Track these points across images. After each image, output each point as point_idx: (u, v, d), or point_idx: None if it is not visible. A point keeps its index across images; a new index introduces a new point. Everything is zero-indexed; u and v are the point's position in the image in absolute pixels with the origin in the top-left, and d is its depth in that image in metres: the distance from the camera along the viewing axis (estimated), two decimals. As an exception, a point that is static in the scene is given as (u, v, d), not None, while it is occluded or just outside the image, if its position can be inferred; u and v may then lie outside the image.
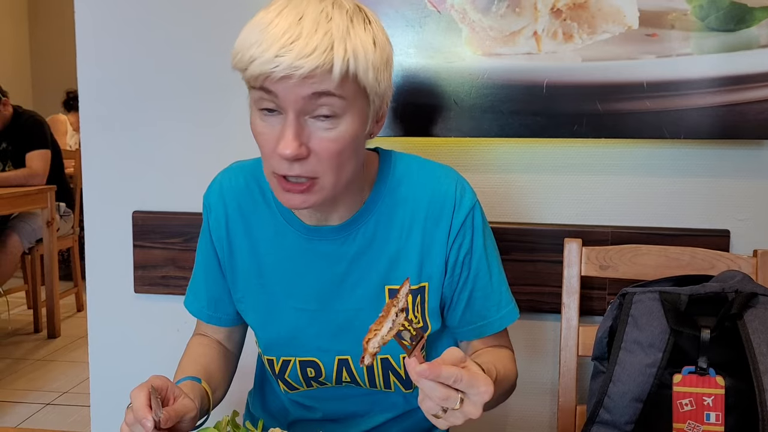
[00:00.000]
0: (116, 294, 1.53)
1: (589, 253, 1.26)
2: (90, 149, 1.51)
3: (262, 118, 0.81)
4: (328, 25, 0.76)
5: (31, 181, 3.32)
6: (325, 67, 0.75)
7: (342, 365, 0.96)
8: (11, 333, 3.58)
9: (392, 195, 0.93)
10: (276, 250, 0.96)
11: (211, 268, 1.01)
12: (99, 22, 1.47)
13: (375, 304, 0.94)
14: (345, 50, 0.76)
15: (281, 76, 0.75)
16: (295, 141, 0.78)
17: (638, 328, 1.06)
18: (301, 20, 0.76)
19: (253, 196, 0.97)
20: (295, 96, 0.77)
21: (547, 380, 1.41)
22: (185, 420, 0.82)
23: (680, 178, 1.33)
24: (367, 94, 0.81)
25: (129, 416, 0.78)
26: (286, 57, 0.74)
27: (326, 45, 0.75)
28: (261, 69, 0.75)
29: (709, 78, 1.23)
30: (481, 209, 0.96)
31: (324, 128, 0.79)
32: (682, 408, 1.02)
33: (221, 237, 0.98)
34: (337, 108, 0.79)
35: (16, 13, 5.78)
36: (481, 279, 0.95)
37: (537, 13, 1.25)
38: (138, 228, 1.49)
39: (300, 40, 0.74)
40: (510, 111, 1.29)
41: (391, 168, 0.95)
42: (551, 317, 1.38)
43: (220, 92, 1.45)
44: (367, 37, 0.79)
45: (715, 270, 1.20)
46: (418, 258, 0.93)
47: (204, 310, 1.03)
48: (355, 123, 0.81)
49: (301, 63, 0.74)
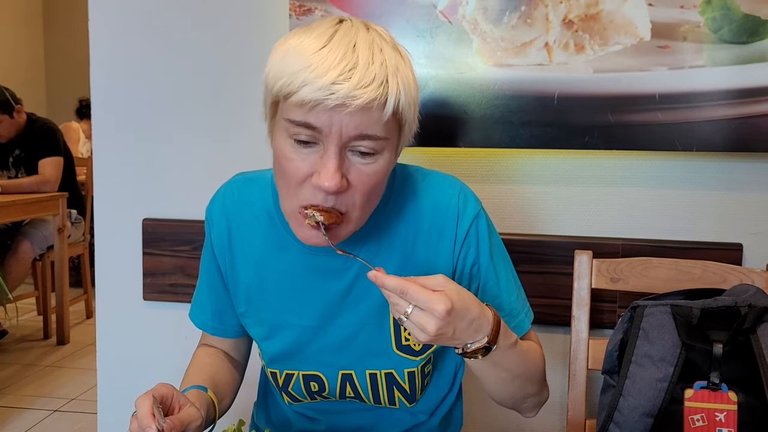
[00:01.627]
0: (125, 301, 1.53)
1: (600, 266, 1.25)
2: (102, 157, 1.52)
3: (294, 147, 0.77)
4: (381, 56, 0.74)
5: (43, 188, 3.34)
6: (380, 100, 0.72)
7: (345, 380, 0.95)
8: (21, 339, 3.59)
9: (396, 209, 0.92)
10: (279, 264, 0.94)
11: (214, 281, 1.00)
12: (113, 30, 1.48)
13: (379, 320, 0.93)
14: (398, 84, 0.74)
15: (334, 105, 0.71)
16: (338, 173, 0.75)
17: (649, 341, 1.05)
18: (355, 48, 0.73)
19: (257, 210, 0.95)
20: (341, 130, 0.73)
21: (556, 394, 1.40)
22: (190, 429, 0.81)
23: (692, 191, 1.32)
24: (402, 129, 0.80)
25: (134, 425, 0.78)
26: (344, 85, 0.70)
27: (383, 77, 0.73)
28: (314, 95, 0.71)
29: (722, 90, 1.22)
30: (487, 217, 0.94)
31: (363, 163, 0.77)
32: (694, 424, 1.00)
33: (223, 250, 0.97)
34: (378, 147, 0.77)
35: (31, 22, 5.85)
36: (489, 289, 0.93)
37: (548, 24, 1.25)
38: (147, 235, 1.49)
39: (358, 70, 0.71)
40: (521, 122, 1.29)
41: (396, 181, 0.94)
42: (561, 330, 1.37)
43: (233, 101, 1.45)
44: (410, 73, 0.78)
45: (727, 284, 1.19)
46: (423, 272, 0.92)
47: (209, 322, 1.03)
48: (391, 157, 0.80)
49: (359, 93, 0.71)
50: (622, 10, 1.23)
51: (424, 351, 0.95)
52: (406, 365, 0.94)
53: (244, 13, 1.42)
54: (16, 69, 5.52)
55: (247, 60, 1.43)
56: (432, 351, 0.96)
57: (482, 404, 1.44)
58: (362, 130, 0.74)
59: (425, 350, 0.95)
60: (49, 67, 5.96)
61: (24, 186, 3.29)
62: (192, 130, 1.47)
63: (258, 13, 1.41)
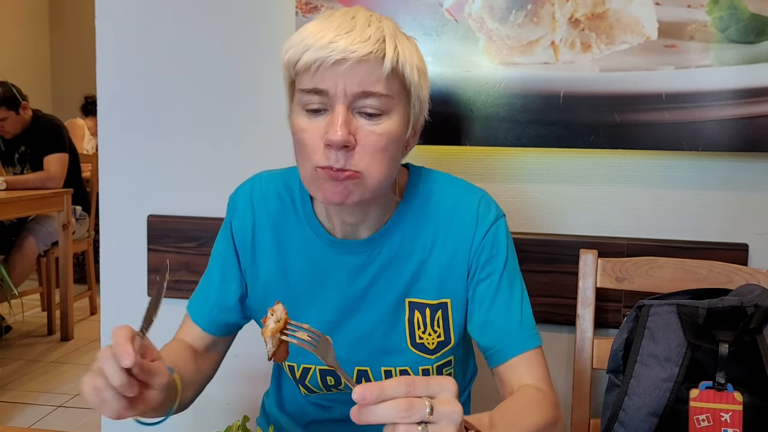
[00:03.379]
0: (130, 297, 1.54)
1: (605, 265, 1.25)
2: (107, 153, 1.53)
3: (307, 116, 0.82)
4: (379, 23, 0.82)
5: (48, 184, 3.35)
6: (378, 54, 0.78)
7: (361, 376, 0.96)
8: (25, 335, 3.60)
9: (419, 210, 0.94)
10: (303, 260, 0.96)
11: (228, 268, 0.99)
12: (119, 28, 1.48)
13: (394, 317, 0.94)
14: (395, 45, 0.81)
15: (335, 61, 0.77)
16: (345, 127, 0.79)
17: (655, 341, 1.04)
18: (354, 18, 0.81)
19: (284, 204, 0.97)
20: (345, 86, 0.79)
21: (560, 393, 1.40)
22: (155, 383, 0.75)
23: (698, 191, 1.32)
24: (409, 95, 0.84)
25: (105, 352, 0.70)
26: (340, 42, 0.77)
27: (379, 36, 0.80)
28: (315, 55, 0.78)
29: (729, 90, 1.22)
30: (506, 227, 0.95)
31: (370, 123, 0.81)
32: (699, 424, 1.00)
33: (245, 240, 0.98)
34: (383, 106, 0.81)
35: (37, 19, 5.87)
36: (501, 295, 0.92)
37: (555, 23, 1.25)
38: (152, 232, 1.49)
39: (354, 30, 0.79)
40: (526, 120, 1.28)
41: (420, 183, 0.95)
42: (565, 329, 1.37)
43: (238, 99, 1.45)
44: (412, 46, 0.85)
45: (733, 284, 1.18)
46: (440, 273, 0.93)
47: (206, 315, 1.00)
48: (399, 122, 0.84)
49: (355, 47, 0.77)
50: (628, 9, 1.23)
51: (438, 350, 0.95)
52: (421, 363, 0.95)
53: (250, 10, 1.42)
54: (22, 65, 5.53)
55: (253, 57, 1.43)
56: (447, 351, 0.96)
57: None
58: (365, 86, 0.79)
59: (440, 349, 0.95)
60: (55, 64, 5.98)
61: (29, 182, 3.30)
62: (197, 127, 1.47)
63: (264, 10, 1.41)
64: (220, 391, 1.51)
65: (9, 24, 5.53)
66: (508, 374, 0.91)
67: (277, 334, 0.71)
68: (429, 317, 0.94)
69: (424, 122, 0.92)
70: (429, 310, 0.94)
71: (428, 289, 0.94)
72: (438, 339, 0.95)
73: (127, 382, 0.70)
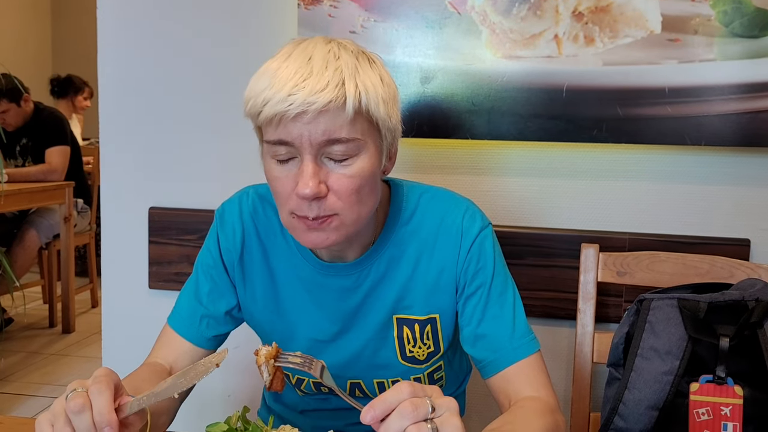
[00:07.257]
0: (131, 290, 1.54)
1: (606, 259, 1.25)
2: (108, 146, 1.53)
3: (278, 165, 0.81)
4: (337, 63, 0.78)
5: (49, 176, 3.35)
6: (338, 101, 0.75)
7: (354, 387, 0.98)
8: (26, 327, 3.61)
9: (404, 228, 0.93)
10: (292, 281, 0.96)
11: (218, 280, 0.98)
12: (121, 20, 1.48)
13: (383, 335, 0.95)
14: (356, 85, 0.77)
15: (295, 114, 0.75)
16: (314, 179, 0.77)
17: (655, 334, 1.04)
18: (310, 60, 0.77)
19: (272, 225, 0.96)
20: (309, 137, 0.76)
21: (560, 387, 1.40)
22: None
23: (701, 186, 1.32)
24: (379, 128, 0.82)
25: (76, 402, 0.65)
26: (299, 94, 0.74)
27: (338, 80, 0.76)
28: (275, 109, 0.75)
29: (732, 84, 1.21)
30: (493, 236, 0.94)
31: (341, 166, 0.79)
32: (699, 417, 1.00)
33: (233, 256, 0.97)
34: (351, 150, 0.79)
35: (39, 10, 5.85)
36: (491, 308, 0.91)
37: (558, 16, 1.25)
38: (154, 224, 1.49)
39: (311, 77, 0.75)
40: (529, 114, 1.28)
41: (403, 200, 0.95)
42: (566, 323, 1.37)
43: (239, 92, 1.44)
44: (374, 74, 0.81)
45: (735, 279, 1.18)
46: (427, 289, 0.93)
47: (195, 328, 0.97)
48: (371, 158, 0.81)
49: (314, 98, 0.74)
50: (632, 3, 1.22)
51: (428, 359, 0.96)
52: (413, 372, 0.96)
53: (252, 3, 1.41)
54: (23, 58, 5.52)
55: (254, 51, 1.43)
56: (438, 358, 0.97)
57: (480, 416, 1.44)
58: (330, 134, 0.77)
59: (430, 359, 0.96)
60: (57, 56, 5.97)
61: (31, 175, 3.30)
62: (199, 120, 1.47)
63: (267, 4, 1.41)
64: (221, 383, 1.52)
65: (10, 15, 5.52)
66: (501, 385, 0.90)
67: (271, 361, 0.72)
68: (418, 332, 0.94)
69: (421, 111, 0.90)
70: (418, 326, 0.94)
71: (415, 305, 0.93)
72: (428, 350, 0.95)
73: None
